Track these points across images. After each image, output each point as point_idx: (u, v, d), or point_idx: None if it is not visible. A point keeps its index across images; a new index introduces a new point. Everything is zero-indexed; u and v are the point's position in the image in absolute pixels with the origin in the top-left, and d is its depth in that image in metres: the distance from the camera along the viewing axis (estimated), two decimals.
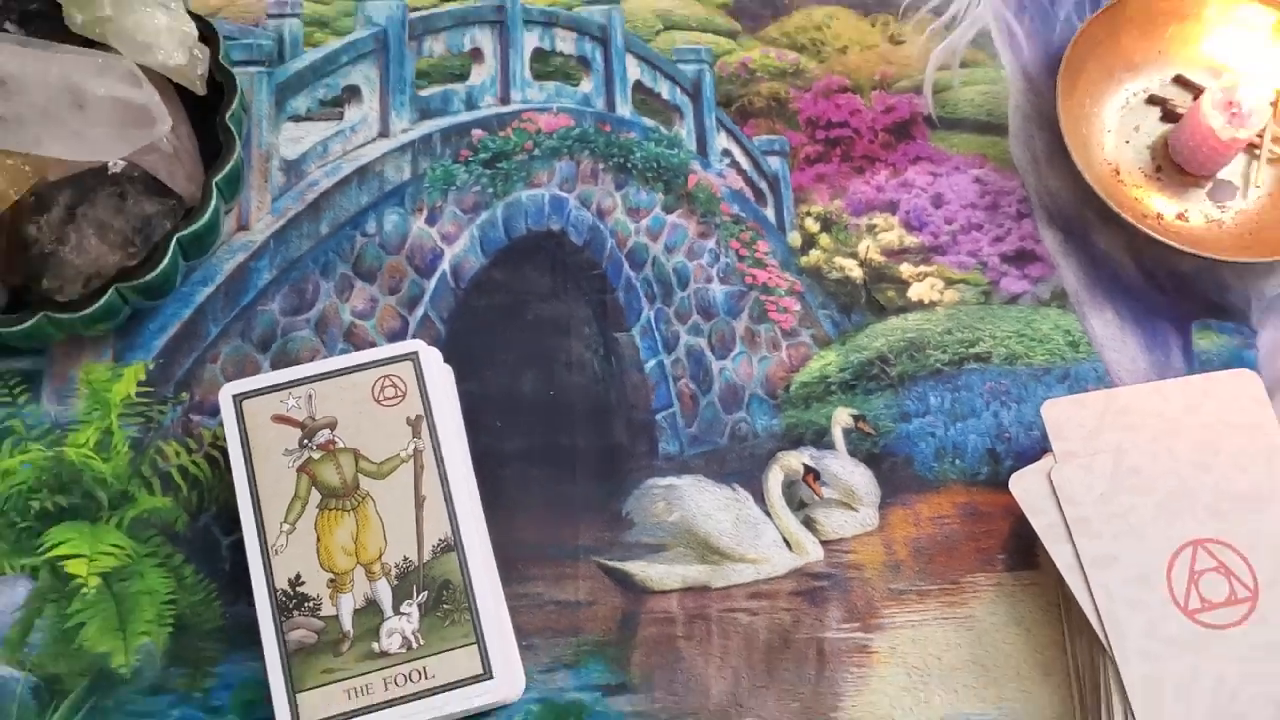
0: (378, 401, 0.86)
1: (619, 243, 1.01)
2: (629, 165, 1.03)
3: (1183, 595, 0.79)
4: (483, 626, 0.80)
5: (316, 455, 0.84)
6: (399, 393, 0.86)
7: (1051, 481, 0.83)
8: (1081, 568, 0.80)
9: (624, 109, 1.06)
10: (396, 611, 0.80)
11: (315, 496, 0.83)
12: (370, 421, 0.85)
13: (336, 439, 0.84)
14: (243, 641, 0.85)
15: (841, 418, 0.95)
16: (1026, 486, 0.83)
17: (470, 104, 1.05)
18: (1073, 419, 0.85)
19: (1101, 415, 0.85)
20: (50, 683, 0.85)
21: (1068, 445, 0.84)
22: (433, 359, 0.88)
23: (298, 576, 0.80)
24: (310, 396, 0.85)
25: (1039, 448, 0.87)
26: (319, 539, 0.81)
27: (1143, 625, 0.78)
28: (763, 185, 1.04)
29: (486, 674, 0.79)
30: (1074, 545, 0.81)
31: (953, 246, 1.01)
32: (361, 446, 0.84)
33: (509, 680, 0.80)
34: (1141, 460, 0.83)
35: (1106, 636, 0.78)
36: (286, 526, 0.82)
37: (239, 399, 0.85)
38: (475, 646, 0.79)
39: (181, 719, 0.84)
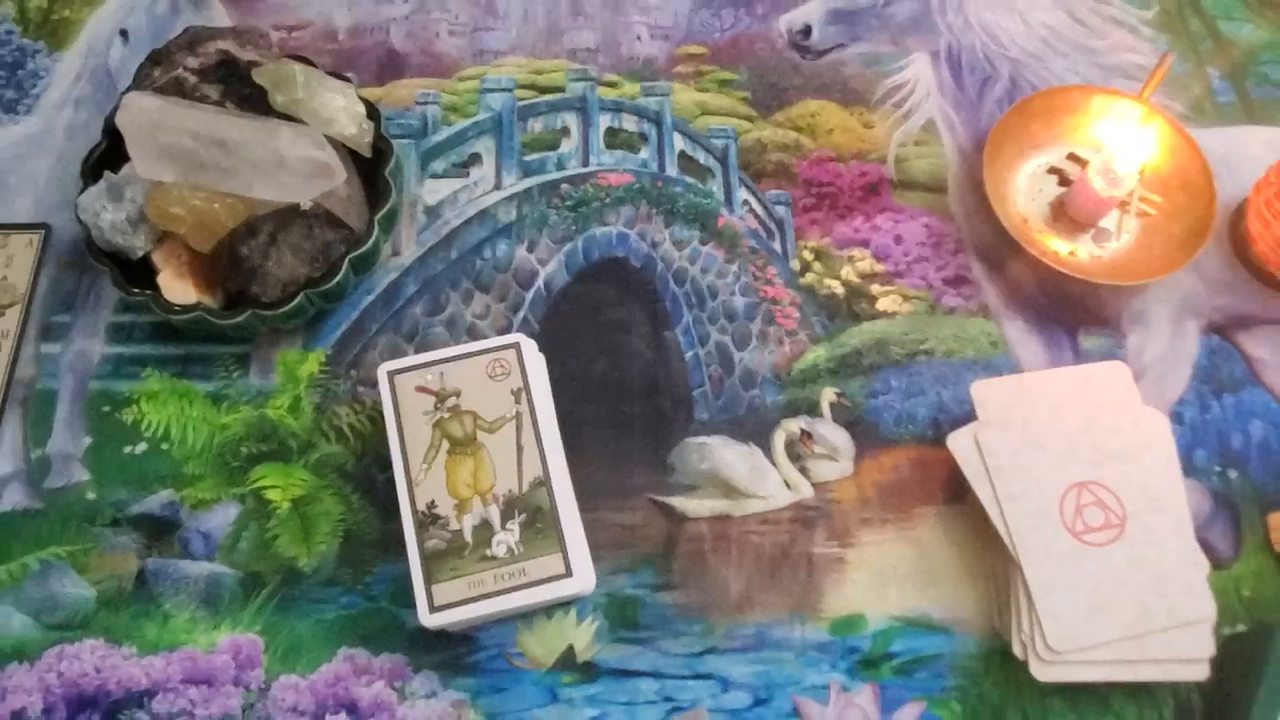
0: (490, 377, 0.85)
1: (667, 266, 0.99)
2: (675, 210, 1.01)
3: (1070, 521, 0.79)
4: (565, 540, 0.79)
5: (446, 415, 0.83)
6: (505, 371, 0.85)
7: (977, 440, 0.82)
8: (998, 502, 0.80)
9: (671, 170, 1.04)
10: (503, 528, 0.80)
11: (445, 445, 0.82)
12: (485, 391, 0.84)
13: (460, 404, 0.84)
14: (393, 549, 0.84)
15: (828, 394, 0.93)
16: (960, 444, 0.83)
17: (560, 166, 1.04)
18: (993, 396, 0.84)
19: (1014, 393, 0.84)
20: (253, 577, 0.85)
21: (989, 414, 0.83)
22: (530, 348, 0.87)
23: (433, 502, 0.80)
24: (442, 373, 0.85)
25: (969, 417, 0.85)
26: (448, 475, 0.81)
27: (1042, 543, 0.78)
28: (772, 226, 1.02)
29: (567, 573, 0.78)
30: (993, 486, 0.80)
31: (908, 273, 0.99)
32: (478, 409, 0.84)
33: (584, 579, 0.79)
34: (1041, 425, 0.82)
35: (1015, 550, 0.78)
36: (424, 466, 0.81)
37: (392, 374, 0.85)
38: (559, 554, 0.79)
39: (348, 604, 0.84)
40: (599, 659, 0.82)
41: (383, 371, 0.85)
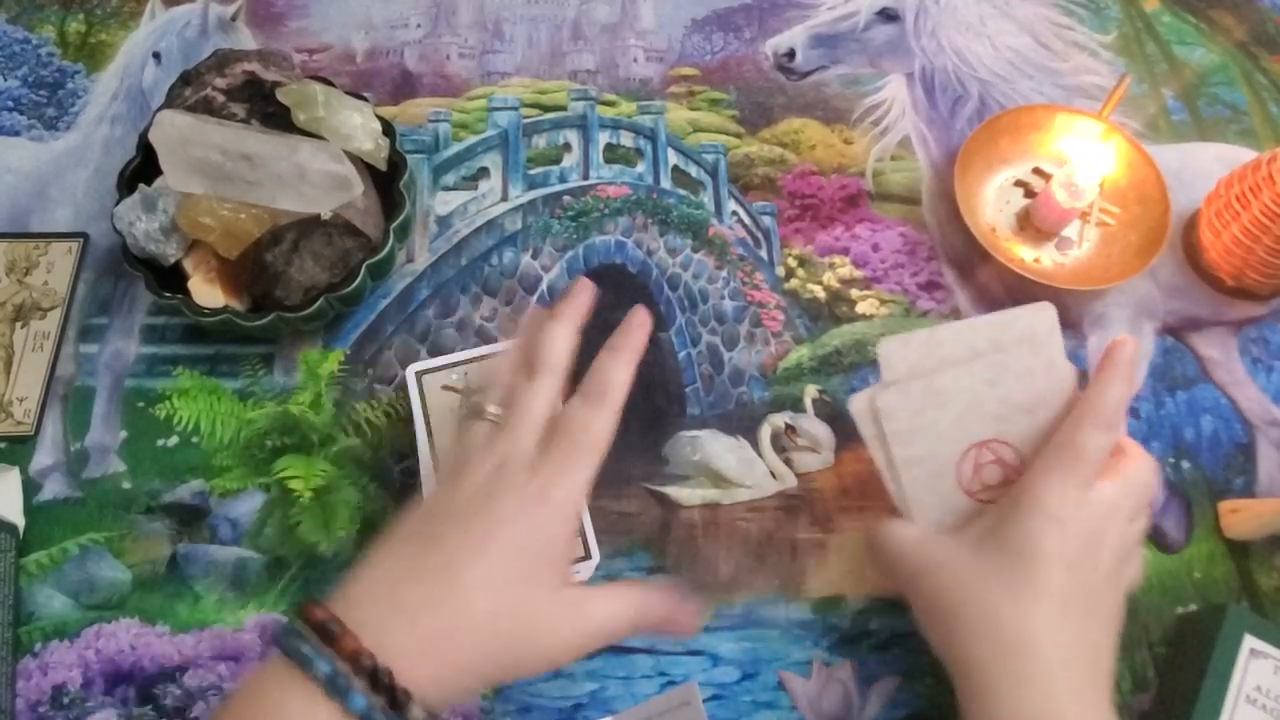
0: None
1: (661, 272, 0.99)
2: (669, 220, 1.01)
3: (968, 482, 0.73)
4: (585, 526, 0.80)
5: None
6: None
7: (875, 404, 0.74)
8: (893, 465, 0.74)
9: (666, 183, 1.04)
10: None
11: None
12: None
13: None
14: None
15: (810, 391, 0.93)
16: (859, 408, 0.75)
17: (562, 179, 1.04)
18: (900, 354, 0.75)
19: (925, 348, 0.75)
20: (277, 561, 0.84)
21: (894, 375, 0.75)
22: None
23: None
24: (465, 373, 0.85)
25: None
26: None
27: (936, 502, 0.73)
28: (759, 235, 1.02)
29: (588, 555, 0.79)
30: (888, 450, 0.74)
31: (885, 278, 0.99)
32: None
33: (596, 561, 0.80)
34: (945, 381, 0.74)
35: (906, 509, 0.74)
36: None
37: (420, 375, 0.85)
38: (579, 537, 0.80)
39: None
40: None
41: (411, 372, 0.85)
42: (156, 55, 1.10)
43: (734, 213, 1.03)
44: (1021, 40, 1.13)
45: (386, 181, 0.94)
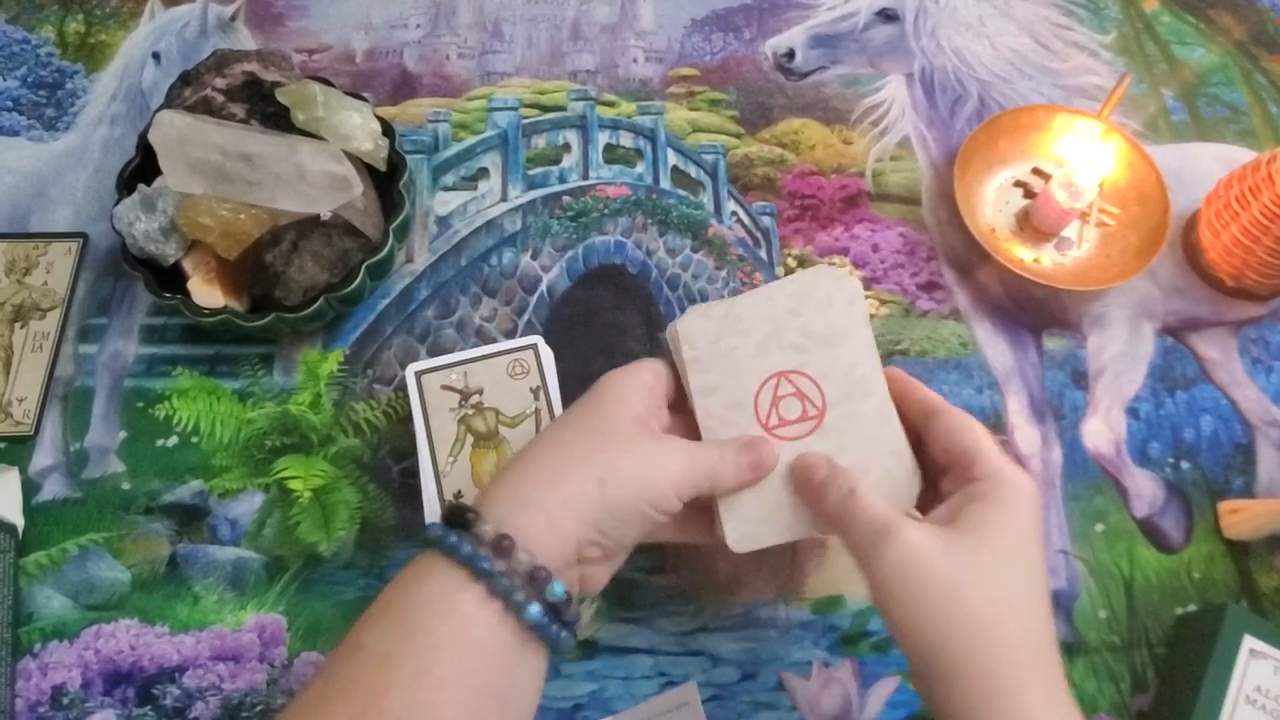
0: (510, 376, 0.86)
1: (661, 272, 0.99)
2: (668, 221, 1.01)
3: (765, 415, 0.68)
4: None
5: (470, 412, 0.84)
6: (524, 370, 0.86)
7: (676, 329, 0.70)
8: (693, 395, 0.69)
9: (665, 183, 1.04)
10: None
11: (469, 439, 0.83)
12: (505, 389, 0.85)
13: (483, 401, 0.85)
14: (407, 535, 0.85)
15: None
16: (671, 334, 0.71)
17: (562, 179, 1.03)
18: (701, 329, 0.70)
19: (722, 322, 0.70)
20: (276, 562, 0.84)
21: (696, 352, 0.69)
22: (545, 349, 0.87)
23: (459, 492, 0.81)
24: (466, 373, 0.86)
25: None
26: (473, 467, 0.82)
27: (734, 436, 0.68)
28: (758, 235, 1.02)
29: None
30: (687, 378, 0.69)
31: (885, 278, 0.99)
32: (500, 406, 0.85)
33: None
34: (745, 307, 0.70)
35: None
36: (451, 459, 0.82)
37: (419, 374, 0.85)
38: None
39: (365, 586, 0.83)
40: (598, 637, 0.82)
41: (410, 372, 0.86)
42: (156, 55, 1.10)
43: (733, 213, 1.03)
44: (1021, 40, 1.13)
45: (386, 182, 0.94)
